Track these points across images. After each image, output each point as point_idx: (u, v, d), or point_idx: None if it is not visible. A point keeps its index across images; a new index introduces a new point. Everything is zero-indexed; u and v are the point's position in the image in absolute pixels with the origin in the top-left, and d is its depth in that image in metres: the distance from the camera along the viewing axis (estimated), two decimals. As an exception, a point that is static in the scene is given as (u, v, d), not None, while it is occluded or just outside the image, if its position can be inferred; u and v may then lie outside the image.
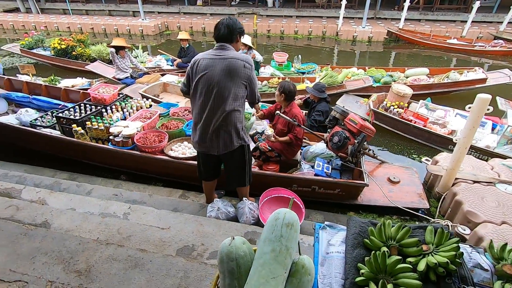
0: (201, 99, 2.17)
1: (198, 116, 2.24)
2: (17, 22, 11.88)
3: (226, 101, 2.13)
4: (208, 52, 2.20)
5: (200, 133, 2.25)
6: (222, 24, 2.14)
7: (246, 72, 2.14)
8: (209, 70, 2.11)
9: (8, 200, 2.39)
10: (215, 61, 2.11)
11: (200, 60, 2.17)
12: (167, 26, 11.73)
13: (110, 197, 2.86)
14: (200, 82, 2.15)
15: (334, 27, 10.56)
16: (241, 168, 2.45)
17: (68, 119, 3.69)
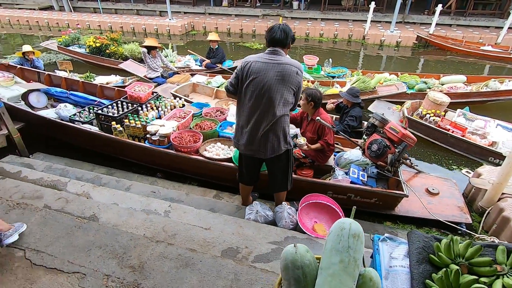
0: (251, 102, 2.18)
1: (246, 119, 2.26)
2: (52, 19, 12.42)
3: (277, 106, 2.14)
4: (260, 55, 2.20)
5: (248, 136, 2.27)
6: (278, 28, 2.13)
7: (297, 79, 2.15)
8: (262, 74, 2.11)
9: (58, 192, 2.50)
10: (268, 65, 2.11)
11: (252, 62, 2.16)
12: (193, 26, 11.92)
13: (149, 194, 2.93)
14: (251, 85, 2.16)
15: (360, 31, 10.39)
16: (284, 172, 2.46)
17: (106, 116, 3.82)
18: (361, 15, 11.60)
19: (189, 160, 3.32)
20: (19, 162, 3.40)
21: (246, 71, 2.17)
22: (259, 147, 2.27)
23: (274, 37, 2.12)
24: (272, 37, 2.13)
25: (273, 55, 2.14)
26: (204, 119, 3.93)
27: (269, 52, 2.17)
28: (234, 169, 3.10)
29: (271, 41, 2.15)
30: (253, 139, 2.26)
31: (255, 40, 10.64)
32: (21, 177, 2.91)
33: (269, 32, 2.16)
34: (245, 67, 2.18)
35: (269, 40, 2.16)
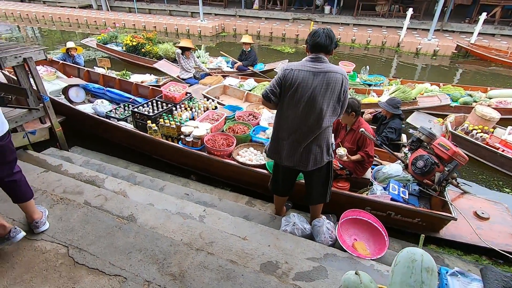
0: (294, 113, 2.07)
1: (288, 130, 2.14)
2: (90, 17, 13.00)
3: (323, 117, 2.03)
4: (303, 63, 2.04)
5: (289, 148, 2.17)
6: (322, 32, 1.98)
7: (344, 88, 2.02)
8: (307, 84, 1.98)
9: (97, 189, 2.53)
10: (313, 74, 1.97)
11: (295, 71, 2.02)
12: (223, 28, 12.03)
13: (182, 196, 2.92)
14: (295, 95, 2.03)
15: (395, 38, 10.02)
16: (324, 185, 2.35)
17: (142, 115, 3.87)
18: (395, 22, 11.21)
19: (222, 164, 3.28)
20: (59, 155, 3.51)
21: (290, 80, 2.03)
22: (300, 160, 2.18)
23: (318, 42, 1.97)
24: (316, 42, 1.97)
25: (317, 62, 2.00)
26: (237, 123, 3.90)
27: (312, 59, 2.02)
28: (267, 176, 3.02)
29: (314, 46, 2.00)
30: (295, 151, 2.16)
31: (284, 44, 10.54)
32: (62, 171, 3.00)
33: (312, 36, 2.00)
34: (287, 75, 2.04)
35: (312, 45, 2.00)
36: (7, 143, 1.76)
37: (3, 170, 1.80)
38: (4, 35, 11.56)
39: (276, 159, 2.33)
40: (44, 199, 2.20)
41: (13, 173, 1.88)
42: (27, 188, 1.96)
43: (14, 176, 1.88)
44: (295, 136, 2.13)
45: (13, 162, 1.87)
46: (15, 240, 1.78)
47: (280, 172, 2.44)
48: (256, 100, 5.12)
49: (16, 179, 1.88)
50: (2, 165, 1.79)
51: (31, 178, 2.64)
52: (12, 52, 3.03)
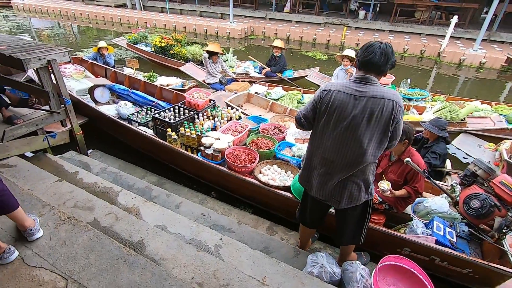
0: (329, 143, 1.76)
1: (320, 161, 1.84)
2: (124, 16, 13.34)
3: (365, 153, 1.68)
4: (345, 83, 1.71)
5: (320, 181, 1.86)
6: (378, 48, 1.62)
7: (395, 117, 1.62)
8: (345, 110, 1.66)
9: (108, 206, 2.36)
10: (355, 99, 1.65)
11: (333, 92, 1.70)
12: (253, 30, 11.84)
13: (198, 216, 2.70)
14: (332, 121, 1.72)
15: (436, 47, 9.30)
16: (359, 225, 2.01)
17: (163, 121, 3.70)
18: (436, 30, 10.43)
19: (242, 182, 3.02)
20: (78, 160, 3.42)
21: (326, 102, 1.72)
22: (332, 194, 1.86)
23: (370, 60, 1.62)
24: (368, 59, 1.63)
25: (362, 84, 1.67)
26: (261, 136, 3.62)
27: (357, 80, 1.68)
28: (291, 201, 2.73)
29: (364, 63, 1.66)
30: (326, 185, 1.85)
31: (316, 50, 10.11)
32: (77, 179, 2.88)
33: (364, 51, 1.66)
34: (324, 97, 1.74)
35: (362, 62, 1.67)
36: None
37: None
38: (45, 32, 12.13)
39: (307, 188, 2.04)
40: (50, 216, 2.05)
41: None
42: (10, 198, 1.80)
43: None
44: (328, 169, 1.82)
45: None
46: (7, 261, 1.65)
47: (309, 202, 2.14)
48: (281, 110, 4.82)
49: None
50: None
51: (43, 188, 2.53)
52: (37, 54, 2.97)
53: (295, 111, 4.65)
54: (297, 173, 3.11)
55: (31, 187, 2.52)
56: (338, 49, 10.30)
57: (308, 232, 2.37)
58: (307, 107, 1.85)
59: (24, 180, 2.60)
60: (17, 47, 3.17)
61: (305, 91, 5.43)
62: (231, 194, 3.27)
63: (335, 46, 10.52)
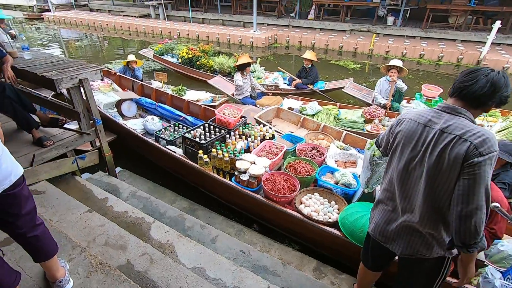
0: (395, 177, 1.51)
1: (385, 194, 1.60)
2: (148, 26, 13.53)
3: (433, 198, 1.37)
4: (424, 111, 1.44)
5: (382, 216, 1.60)
6: (483, 74, 1.29)
7: (473, 163, 1.23)
8: (412, 141, 1.42)
9: (142, 245, 2.14)
10: (422, 128, 1.39)
11: (404, 121, 1.48)
12: (276, 39, 11.62)
13: (238, 253, 2.43)
14: (397, 154, 1.50)
15: (474, 54, 8.68)
16: (428, 284, 1.64)
17: (193, 141, 3.49)
18: (473, 35, 9.77)
19: (282, 214, 2.73)
20: (107, 183, 3.26)
21: (395, 132, 1.52)
22: (391, 236, 1.57)
23: (467, 87, 1.30)
24: (465, 85, 1.31)
25: (445, 113, 1.36)
26: (298, 159, 3.31)
27: (440, 107, 1.39)
28: (340, 240, 2.40)
29: (458, 89, 1.35)
30: (387, 225, 1.58)
31: (347, 59, 9.66)
32: (107, 207, 2.70)
33: (465, 76, 1.34)
34: (396, 126, 1.53)
35: (456, 87, 1.36)
36: (19, 190, 1.40)
37: (23, 225, 1.46)
38: (73, 43, 12.49)
39: (370, 224, 1.75)
40: (81, 261, 1.84)
41: (36, 225, 1.53)
42: (51, 242, 1.61)
43: (37, 229, 1.53)
44: (391, 206, 1.57)
45: (33, 213, 1.53)
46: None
47: (370, 242, 1.81)
48: (314, 127, 4.49)
49: (39, 234, 1.53)
50: (19, 219, 1.44)
51: (73, 220, 2.35)
52: (69, 73, 2.84)
53: (328, 128, 4.32)
54: (342, 203, 2.78)
55: (59, 219, 2.35)
56: (366, 57, 9.87)
57: (369, 277, 2.02)
58: (383, 133, 1.70)
59: (53, 210, 2.44)
60: (49, 65, 3.07)
61: (341, 105, 5.08)
62: (269, 226, 2.98)
63: (363, 54, 10.09)
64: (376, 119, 4.57)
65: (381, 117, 4.59)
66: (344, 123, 4.60)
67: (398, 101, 4.96)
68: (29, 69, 2.87)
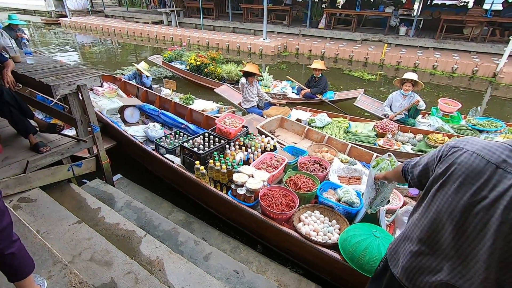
0: (446, 218, 1.13)
1: (419, 236, 1.25)
2: (159, 33, 13.74)
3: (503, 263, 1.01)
4: (497, 147, 1.06)
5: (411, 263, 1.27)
6: None
7: None
8: (485, 187, 1.03)
9: (128, 262, 2.04)
10: (506, 176, 1.00)
11: (467, 153, 1.10)
12: (286, 47, 11.58)
13: (231, 273, 2.30)
14: (451, 188, 1.11)
15: (491, 67, 8.37)
16: None
17: (191, 151, 3.40)
18: (490, 47, 9.47)
19: (278, 232, 2.58)
20: (103, 191, 3.19)
21: (449, 162, 1.14)
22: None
23: None
24: None
25: None
26: (299, 173, 3.17)
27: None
28: (339, 265, 2.24)
29: None
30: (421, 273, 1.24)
31: (362, 69, 9.46)
32: (98, 218, 2.62)
33: None
34: (449, 155, 1.15)
35: None
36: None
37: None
38: (88, 47, 12.77)
39: (390, 260, 1.41)
40: (60, 279, 1.75)
41: (12, 241, 1.43)
42: (27, 260, 1.51)
43: (13, 246, 1.43)
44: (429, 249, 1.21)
45: (8, 228, 1.42)
46: None
47: (386, 278, 1.49)
48: (318, 138, 4.34)
49: (15, 251, 1.43)
50: None
51: (60, 231, 2.27)
52: (68, 79, 2.81)
53: (333, 140, 4.16)
54: (344, 223, 2.61)
55: (47, 229, 2.28)
56: (377, 68, 9.68)
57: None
58: (417, 159, 1.34)
59: (42, 220, 2.37)
60: (49, 71, 3.05)
61: (352, 118, 4.91)
62: (266, 244, 2.84)
63: (374, 64, 9.90)
64: (389, 133, 4.37)
65: (394, 132, 4.39)
66: (355, 137, 4.42)
67: (414, 117, 4.75)
68: (29, 74, 2.85)
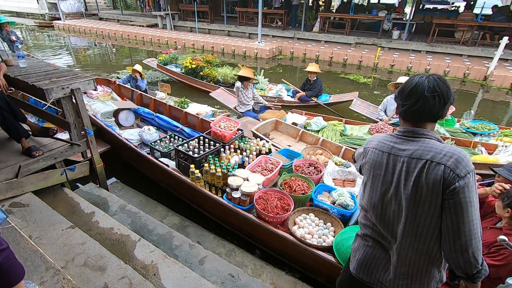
0: (372, 211, 1.37)
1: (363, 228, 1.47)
2: (154, 36, 13.72)
3: (416, 229, 1.22)
4: (385, 138, 1.33)
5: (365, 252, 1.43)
6: (425, 89, 1.15)
7: (455, 190, 1.10)
8: (387, 173, 1.28)
9: (123, 267, 2.02)
10: (387, 158, 1.27)
11: (370, 151, 1.36)
12: (281, 50, 11.64)
13: (226, 277, 2.29)
14: (367, 187, 1.37)
15: (481, 70, 8.53)
16: None
17: (186, 154, 3.39)
18: (480, 51, 9.65)
19: (273, 236, 2.58)
20: (96, 195, 3.17)
21: (364, 164, 1.42)
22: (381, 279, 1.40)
23: (419, 110, 1.18)
24: (415, 109, 1.19)
25: (405, 139, 1.25)
26: (294, 176, 3.18)
27: (402, 134, 1.26)
28: (334, 267, 2.25)
29: (411, 115, 1.22)
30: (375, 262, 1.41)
31: (358, 72, 9.52)
32: (92, 222, 2.59)
33: (407, 97, 1.20)
34: (363, 157, 1.43)
35: (408, 112, 1.22)
36: None
37: None
38: (82, 50, 12.69)
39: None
40: (53, 285, 1.73)
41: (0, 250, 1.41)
42: (16, 268, 1.48)
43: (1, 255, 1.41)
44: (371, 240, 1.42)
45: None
46: None
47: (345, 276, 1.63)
48: (312, 141, 4.36)
49: (1, 261, 1.40)
50: None
51: (53, 236, 2.24)
52: (61, 82, 2.79)
53: (327, 142, 4.18)
54: (338, 225, 2.63)
55: (40, 235, 2.25)
56: (371, 71, 9.79)
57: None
58: (357, 155, 1.56)
59: (34, 225, 2.34)
60: (42, 74, 3.03)
61: (347, 121, 4.94)
62: (261, 247, 2.84)
63: (368, 67, 10.01)
64: None
65: None
66: (351, 140, 4.44)
67: None
68: (22, 77, 2.83)
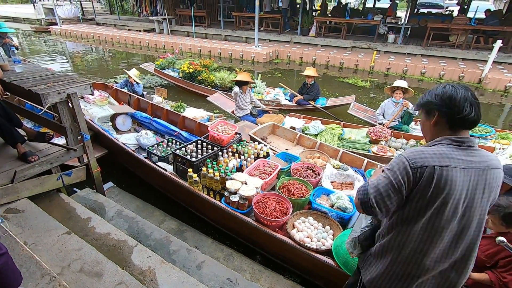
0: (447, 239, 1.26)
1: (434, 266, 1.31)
2: (151, 41, 13.74)
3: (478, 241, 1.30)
4: (447, 152, 1.19)
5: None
6: (471, 95, 1.20)
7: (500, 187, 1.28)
8: (460, 193, 1.18)
9: (119, 272, 2.00)
10: (473, 173, 1.20)
11: (444, 170, 1.15)
12: (277, 54, 11.71)
13: (224, 282, 2.27)
14: (445, 211, 1.20)
15: (476, 73, 8.63)
16: None
17: (184, 158, 3.38)
18: (474, 54, 9.77)
19: (272, 239, 2.57)
20: (93, 200, 3.14)
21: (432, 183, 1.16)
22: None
23: (475, 114, 1.19)
24: (473, 115, 1.19)
25: (469, 150, 1.22)
26: (292, 179, 3.18)
27: (460, 145, 1.21)
28: (333, 271, 2.24)
29: (468, 120, 1.19)
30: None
31: (355, 76, 9.57)
32: (88, 228, 2.57)
33: (460, 102, 1.17)
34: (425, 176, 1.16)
35: (464, 118, 1.19)
36: None
37: None
38: (79, 55, 12.67)
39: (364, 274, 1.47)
40: (48, 292, 1.70)
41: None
42: (14, 273, 1.46)
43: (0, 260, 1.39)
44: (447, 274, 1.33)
45: None
46: None
47: None
48: (310, 144, 4.37)
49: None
50: None
51: (49, 242, 2.22)
52: (57, 87, 2.78)
53: (325, 146, 4.19)
54: (337, 228, 2.63)
55: (35, 241, 2.22)
56: (367, 74, 9.86)
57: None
58: (385, 187, 1.23)
59: (30, 231, 2.31)
60: (39, 79, 3.02)
61: (345, 124, 4.95)
62: (261, 252, 2.82)
63: (364, 70, 10.09)
64: (383, 140, 4.41)
65: (387, 138, 4.43)
66: (349, 144, 4.45)
67: (407, 123, 4.84)
68: (18, 82, 2.81)
